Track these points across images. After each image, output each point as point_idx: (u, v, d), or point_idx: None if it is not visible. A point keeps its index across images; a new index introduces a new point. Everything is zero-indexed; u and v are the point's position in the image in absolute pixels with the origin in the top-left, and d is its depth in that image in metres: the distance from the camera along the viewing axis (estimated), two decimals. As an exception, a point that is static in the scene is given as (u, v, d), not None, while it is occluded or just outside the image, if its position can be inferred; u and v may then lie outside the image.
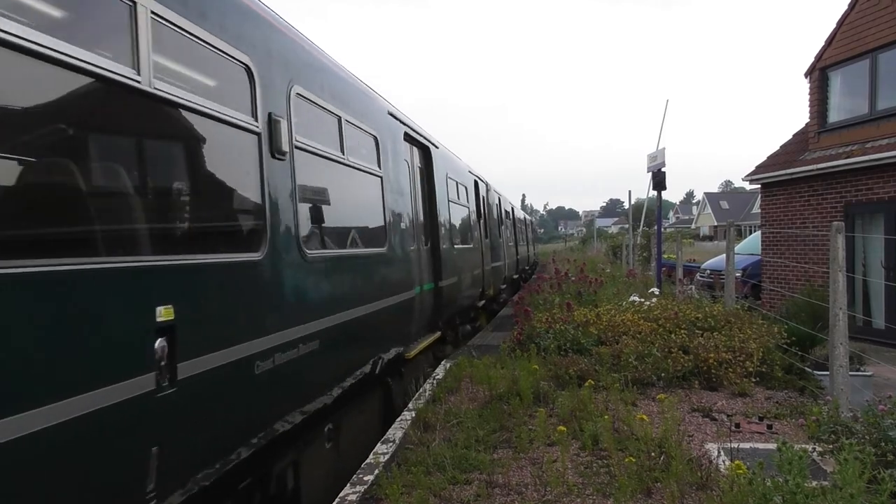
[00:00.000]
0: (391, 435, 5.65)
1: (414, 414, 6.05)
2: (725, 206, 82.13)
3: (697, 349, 7.27)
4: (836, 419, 4.68)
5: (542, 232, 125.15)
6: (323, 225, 4.95)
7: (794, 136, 14.37)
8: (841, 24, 12.54)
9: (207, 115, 3.35)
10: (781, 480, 3.33)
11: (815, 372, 7.04)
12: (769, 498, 3.26)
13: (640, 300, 10.86)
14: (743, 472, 3.52)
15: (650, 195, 20.70)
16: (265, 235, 3.84)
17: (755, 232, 19.75)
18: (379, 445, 5.39)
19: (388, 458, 5.05)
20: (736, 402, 6.45)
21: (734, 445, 4.78)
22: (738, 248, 14.32)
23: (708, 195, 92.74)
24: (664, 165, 13.80)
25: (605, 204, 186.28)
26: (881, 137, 11.39)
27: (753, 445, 5.08)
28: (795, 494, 3.21)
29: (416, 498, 4.08)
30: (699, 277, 17.35)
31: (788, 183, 13.30)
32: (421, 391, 7.00)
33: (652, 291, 12.50)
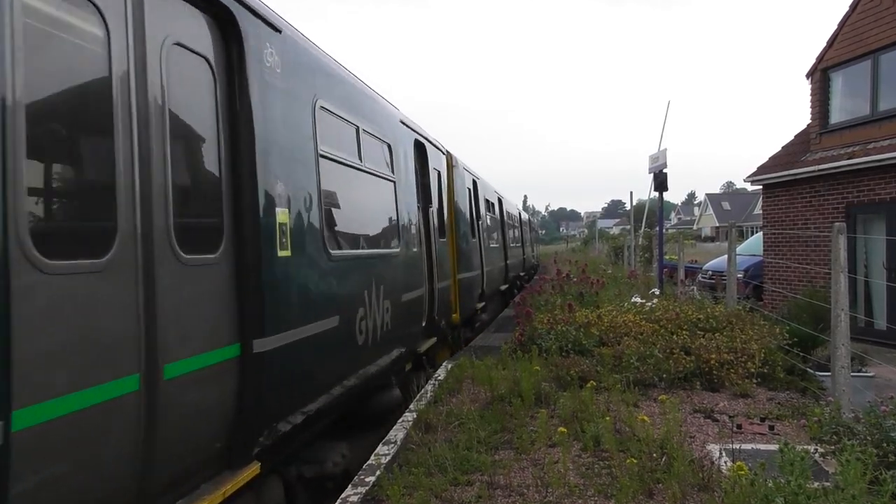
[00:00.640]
0: (393, 436, 5.65)
1: (415, 415, 6.06)
2: (727, 206, 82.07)
3: (699, 350, 7.27)
4: (837, 420, 4.68)
5: (543, 233, 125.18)
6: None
7: (795, 136, 14.34)
8: (842, 24, 12.53)
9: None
10: (783, 481, 3.33)
11: (816, 373, 7.04)
12: (771, 499, 3.27)
13: (641, 301, 10.87)
14: (745, 472, 3.52)
15: (652, 196, 20.67)
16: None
17: (757, 233, 19.74)
18: (380, 447, 5.39)
19: (389, 459, 5.05)
20: (738, 402, 6.45)
21: (736, 446, 4.79)
22: (739, 248, 14.31)
23: (710, 196, 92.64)
24: (666, 166, 13.79)
25: (606, 205, 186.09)
26: (883, 138, 11.37)
27: (755, 446, 5.08)
28: (797, 495, 3.22)
29: (417, 499, 4.09)
30: (701, 278, 17.34)
31: (790, 184, 13.29)
32: (422, 392, 7.00)
33: (653, 292, 12.51)
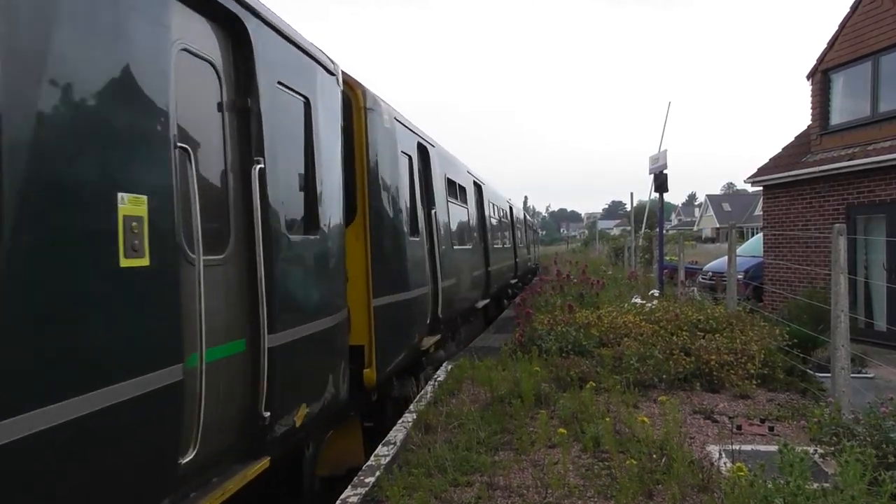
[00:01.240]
0: (392, 437, 5.64)
1: (415, 415, 6.06)
2: (727, 208, 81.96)
3: (699, 351, 7.26)
4: (837, 421, 4.67)
5: (544, 234, 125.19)
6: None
7: (795, 138, 14.34)
8: (843, 26, 12.54)
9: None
10: (783, 482, 3.33)
11: (816, 374, 7.05)
12: (770, 500, 3.27)
13: (641, 302, 10.87)
14: (744, 473, 3.52)
15: (652, 197, 20.69)
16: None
17: (757, 234, 19.74)
18: (380, 447, 5.39)
19: (389, 459, 5.05)
20: (737, 403, 6.45)
21: (735, 447, 4.79)
22: (739, 249, 14.32)
23: (710, 197, 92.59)
24: (666, 167, 13.79)
25: (607, 206, 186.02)
26: (883, 139, 11.37)
27: (755, 447, 5.08)
28: (797, 496, 3.22)
29: (417, 500, 4.08)
30: (701, 279, 17.34)
31: (790, 185, 13.30)
32: (422, 393, 7.00)
33: (653, 293, 12.51)
